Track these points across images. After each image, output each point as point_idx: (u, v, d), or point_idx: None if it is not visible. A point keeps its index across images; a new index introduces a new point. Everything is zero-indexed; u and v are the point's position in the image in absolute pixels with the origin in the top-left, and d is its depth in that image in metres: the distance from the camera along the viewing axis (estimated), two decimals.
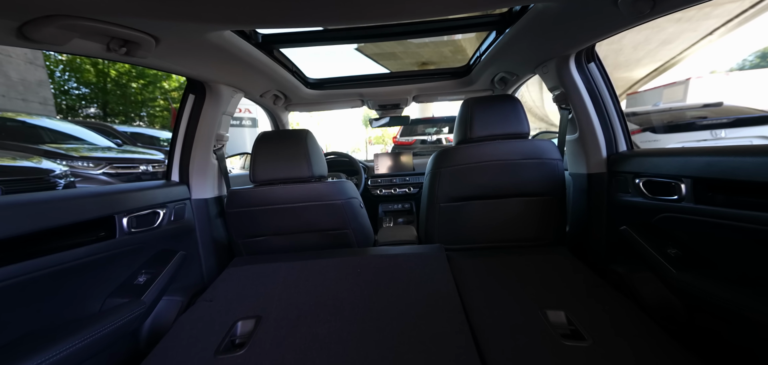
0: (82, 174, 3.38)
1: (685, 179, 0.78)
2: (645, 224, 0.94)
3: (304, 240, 1.22)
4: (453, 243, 1.21)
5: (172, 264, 1.02)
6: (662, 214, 0.86)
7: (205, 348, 0.72)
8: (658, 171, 0.87)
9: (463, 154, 1.14)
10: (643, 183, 0.92)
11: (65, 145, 3.83)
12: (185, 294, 1.08)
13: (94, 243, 0.82)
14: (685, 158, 0.80)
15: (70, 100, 10.12)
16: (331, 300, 0.87)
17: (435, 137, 6.53)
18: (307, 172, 1.13)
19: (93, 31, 0.68)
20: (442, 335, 0.70)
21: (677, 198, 0.81)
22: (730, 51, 23.25)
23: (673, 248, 0.84)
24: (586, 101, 1.12)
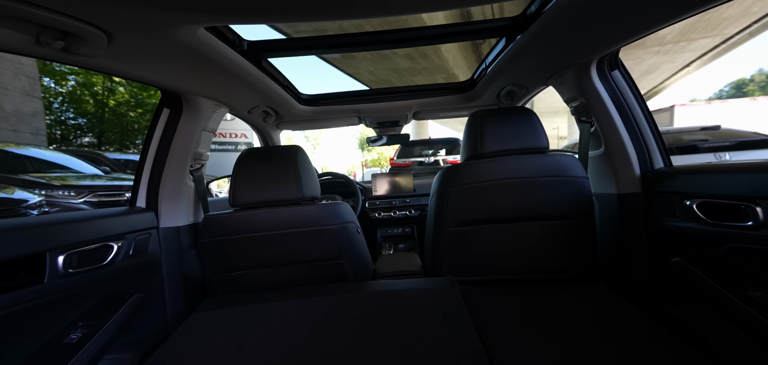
0: (61, 203, 3.16)
1: (761, 201, 0.61)
2: (706, 256, 0.76)
3: (291, 273, 1.02)
4: (464, 274, 1.01)
5: (122, 312, 0.80)
6: (731, 245, 0.68)
7: None
8: (716, 190, 0.71)
9: (474, 170, 0.98)
10: (697, 205, 0.75)
11: (49, 173, 3.64)
12: (137, 351, 0.85)
13: (6, 292, 0.61)
14: (760, 175, 0.63)
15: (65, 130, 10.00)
16: (320, 355, 0.66)
17: (433, 159, 6.46)
18: (297, 194, 0.95)
19: (10, 13, 0.53)
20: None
21: (752, 225, 0.63)
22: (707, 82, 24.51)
23: (756, 290, 0.64)
24: (612, 112, 0.98)
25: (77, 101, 9.94)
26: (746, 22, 8.11)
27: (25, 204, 2.48)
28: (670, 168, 0.93)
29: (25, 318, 0.67)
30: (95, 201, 3.37)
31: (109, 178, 4.01)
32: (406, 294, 0.88)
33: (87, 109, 10.09)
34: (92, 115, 10.20)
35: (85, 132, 10.35)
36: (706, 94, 22.26)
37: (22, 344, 0.67)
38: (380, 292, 0.91)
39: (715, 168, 0.76)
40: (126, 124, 10.66)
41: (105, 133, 10.40)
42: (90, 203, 3.32)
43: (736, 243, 0.67)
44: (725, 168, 0.73)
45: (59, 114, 9.86)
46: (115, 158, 5.60)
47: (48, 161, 4.04)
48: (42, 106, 6.62)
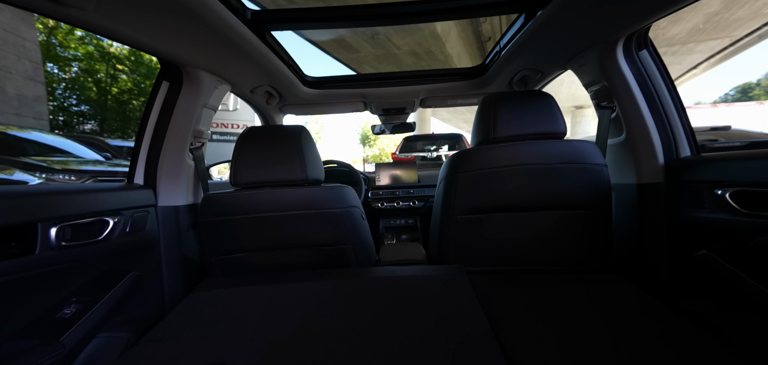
0: None
1: None
2: (737, 249, 0.71)
3: (292, 257, 0.98)
4: (471, 263, 0.97)
5: (118, 289, 0.77)
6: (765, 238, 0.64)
7: None
8: (757, 178, 0.65)
9: (486, 156, 0.92)
10: (730, 194, 0.70)
11: (50, 157, 3.62)
12: (133, 330, 0.82)
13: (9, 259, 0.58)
14: None
15: (68, 115, 9.99)
16: (323, 338, 0.62)
17: (435, 154, 6.40)
18: (300, 175, 0.91)
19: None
20: None
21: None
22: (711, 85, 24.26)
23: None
24: (637, 96, 0.92)
25: (80, 88, 9.91)
26: (757, 24, 7.97)
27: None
28: (699, 156, 0.88)
29: (17, 290, 0.64)
30: None
31: (110, 163, 3.99)
32: (412, 280, 0.85)
33: (90, 96, 10.07)
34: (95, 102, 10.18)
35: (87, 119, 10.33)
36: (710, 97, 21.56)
37: (14, 316, 0.64)
38: (385, 278, 0.87)
39: (757, 154, 0.70)
40: (128, 112, 10.64)
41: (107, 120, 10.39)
42: None
43: None
44: (759, 155, 0.67)
45: (62, 100, 9.84)
46: (116, 145, 5.58)
47: (50, 145, 4.02)
48: (45, 91, 6.59)
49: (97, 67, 9.95)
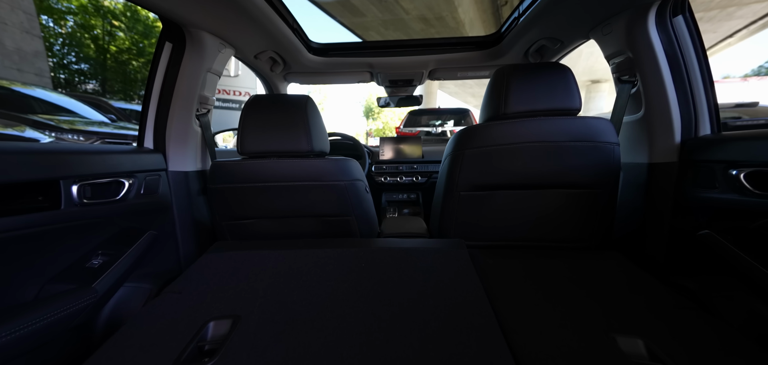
0: None
1: None
2: (740, 229, 0.72)
3: (298, 226, 1.03)
4: (471, 238, 1.00)
5: (138, 246, 0.83)
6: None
7: (163, 352, 0.54)
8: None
9: (494, 133, 0.90)
10: (745, 175, 0.69)
11: (57, 116, 3.64)
12: (155, 282, 0.89)
13: (26, 213, 0.62)
14: None
15: (69, 73, 9.84)
16: (329, 301, 0.68)
17: (440, 129, 6.31)
18: (306, 146, 0.93)
19: None
20: (472, 359, 0.51)
21: None
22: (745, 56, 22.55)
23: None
24: (663, 70, 0.88)
25: (78, 44, 9.64)
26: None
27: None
28: (718, 134, 0.86)
29: (48, 240, 0.70)
30: None
31: (115, 125, 4.00)
32: (413, 251, 0.89)
33: (88, 54, 9.83)
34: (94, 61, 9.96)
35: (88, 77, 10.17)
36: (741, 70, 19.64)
37: (46, 264, 0.70)
38: (387, 248, 0.92)
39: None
40: (128, 72, 10.43)
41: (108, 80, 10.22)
42: None
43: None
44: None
45: (61, 56, 9.63)
46: (120, 107, 5.54)
47: (55, 104, 4.02)
48: (43, 45, 6.43)
49: (92, 22, 9.59)
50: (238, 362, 0.52)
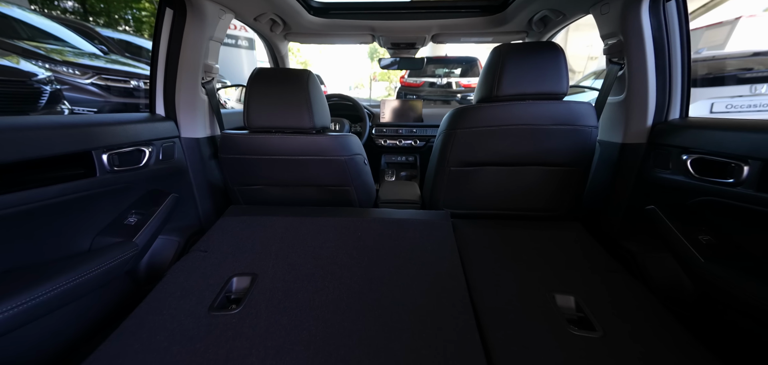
0: (69, 81, 3.13)
1: (753, 161, 0.67)
2: (678, 206, 0.85)
3: (302, 193, 1.16)
4: (458, 207, 1.14)
5: (164, 206, 0.96)
6: (705, 197, 0.77)
7: (199, 302, 0.71)
8: (718, 148, 0.74)
9: (485, 115, 0.99)
10: (691, 161, 0.80)
11: (45, 45, 3.47)
12: (182, 235, 1.05)
13: (71, 181, 0.74)
14: (759, 134, 0.67)
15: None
16: (330, 264, 0.84)
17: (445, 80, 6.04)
18: (309, 123, 1.00)
19: None
20: (444, 315, 0.68)
21: (733, 182, 0.70)
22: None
23: (706, 235, 0.76)
24: (648, 56, 0.92)
25: None
26: None
27: (35, 78, 2.47)
28: (682, 121, 0.94)
29: (91, 202, 0.82)
30: (101, 84, 3.33)
31: (107, 59, 3.84)
32: (403, 222, 1.03)
33: None
34: None
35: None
36: None
37: (90, 224, 0.84)
38: (381, 219, 1.06)
39: (721, 124, 0.78)
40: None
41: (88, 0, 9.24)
42: (97, 85, 3.29)
43: (710, 197, 0.76)
44: (730, 125, 0.76)
45: None
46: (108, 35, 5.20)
47: (40, 28, 3.78)
48: None
49: None
50: (258, 310, 0.69)
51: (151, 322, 0.66)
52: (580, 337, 0.62)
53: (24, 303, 0.58)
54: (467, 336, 0.62)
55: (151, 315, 0.68)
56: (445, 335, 0.63)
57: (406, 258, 0.86)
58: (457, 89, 5.98)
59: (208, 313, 0.68)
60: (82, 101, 3.15)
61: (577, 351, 0.59)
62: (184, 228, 1.09)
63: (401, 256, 0.87)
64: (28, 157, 0.64)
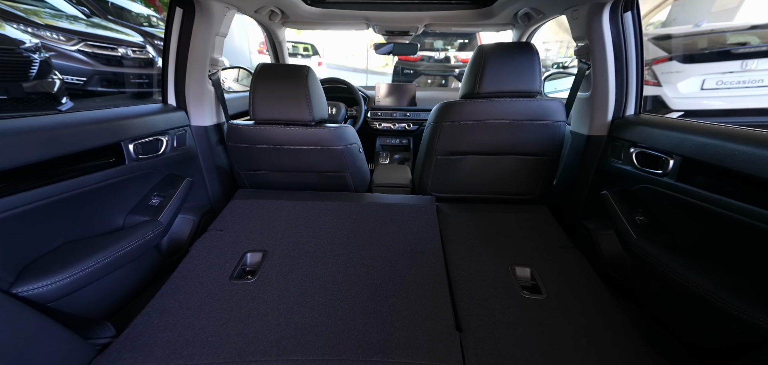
0: (54, 47, 3.04)
1: (676, 156, 0.84)
2: (625, 191, 1.03)
3: (303, 179, 1.30)
4: (444, 191, 1.32)
5: (182, 189, 1.10)
6: (643, 185, 0.96)
7: (220, 273, 0.88)
8: (654, 144, 0.92)
9: (468, 110, 1.13)
10: (636, 153, 0.98)
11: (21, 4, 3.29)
12: (196, 214, 1.20)
13: (105, 169, 0.87)
14: (683, 135, 0.84)
15: None
16: (329, 243, 1.01)
17: (443, 55, 5.96)
18: (308, 116, 1.11)
19: None
20: (424, 285, 0.86)
21: (661, 173, 0.88)
22: None
23: (640, 216, 0.95)
24: (609, 60, 1.07)
25: None
26: None
27: (23, 46, 2.42)
28: (634, 118, 1.09)
29: (123, 186, 0.96)
30: (88, 52, 3.25)
31: (90, 23, 3.68)
32: (394, 206, 1.20)
33: None
34: None
35: None
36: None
37: (124, 202, 0.98)
38: (375, 203, 1.22)
39: (660, 123, 0.95)
40: None
41: None
42: (83, 52, 3.21)
43: (646, 185, 0.95)
44: (665, 124, 0.93)
45: None
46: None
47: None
48: None
49: None
50: (270, 280, 0.87)
51: (184, 287, 0.83)
52: (530, 299, 0.82)
53: (84, 270, 0.74)
54: (441, 301, 0.81)
55: (183, 281, 0.85)
56: (424, 300, 0.81)
57: (394, 238, 1.04)
58: (455, 64, 5.93)
59: (230, 282, 0.86)
60: (70, 69, 3.09)
61: (525, 310, 0.79)
62: (197, 208, 1.23)
63: (391, 236, 1.04)
64: (75, 151, 0.77)
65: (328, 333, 0.71)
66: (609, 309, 0.79)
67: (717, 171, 0.75)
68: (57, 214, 0.78)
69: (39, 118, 0.73)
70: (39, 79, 2.46)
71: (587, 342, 0.71)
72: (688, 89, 3.41)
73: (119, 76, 3.51)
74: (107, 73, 3.39)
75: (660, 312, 0.89)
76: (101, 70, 3.33)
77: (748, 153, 0.68)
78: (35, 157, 0.69)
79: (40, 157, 0.70)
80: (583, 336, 0.72)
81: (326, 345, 0.69)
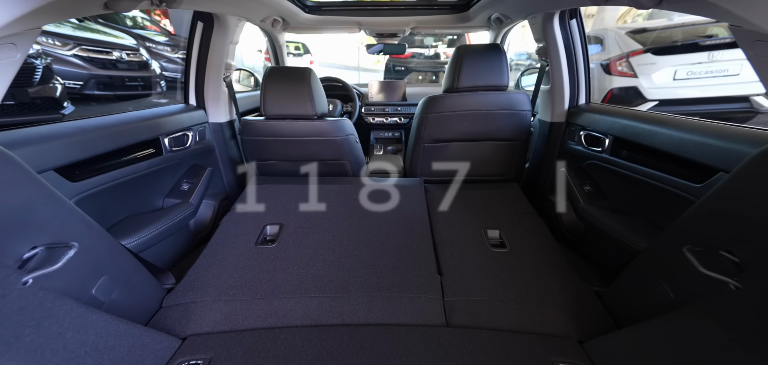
0: (51, 52, 3.15)
1: (609, 136, 1.11)
2: (577, 167, 1.30)
3: (308, 166, 1.52)
4: (431, 175, 1.56)
5: (205, 177, 1.31)
6: (589, 161, 1.23)
7: (247, 241, 1.10)
8: (596, 127, 1.19)
9: (449, 102, 1.37)
10: (584, 136, 1.24)
11: None
12: (216, 199, 1.42)
13: (149, 158, 1.08)
14: (613, 119, 1.11)
15: None
16: (334, 217, 1.24)
17: (432, 51, 6.21)
18: (311, 111, 1.33)
19: None
20: (413, 245, 1.10)
21: (600, 150, 1.15)
22: None
23: (588, 186, 1.22)
24: (561, 57, 1.33)
25: None
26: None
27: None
28: (585, 106, 1.36)
29: (160, 173, 1.17)
30: (83, 56, 3.37)
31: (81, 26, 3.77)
32: (387, 188, 1.43)
33: None
34: None
35: None
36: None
37: (161, 186, 1.19)
38: (371, 185, 1.45)
39: (599, 109, 1.22)
40: None
41: None
42: (79, 56, 3.33)
43: (592, 161, 1.21)
44: (603, 110, 1.20)
45: None
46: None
47: None
48: None
49: None
50: (288, 246, 1.09)
51: (220, 251, 1.05)
52: (497, 252, 1.07)
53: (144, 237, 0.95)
54: (427, 256, 1.05)
55: (218, 247, 1.06)
56: (413, 256, 1.05)
57: (389, 212, 1.27)
58: (445, 60, 6.19)
59: (256, 247, 1.08)
60: (68, 74, 3.21)
61: (492, 259, 1.03)
62: (216, 194, 1.44)
63: (386, 210, 1.28)
64: (131, 143, 0.98)
65: (339, 280, 0.94)
66: (556, 256, 1.05)
67: (633, 146, 1.02)
68: (119, 194, 0.99)
69: (104, 118, 0.94)
70: (42, 84, 2.60)
71: (535, 277, 0.96)
72: (661, 80, 3.75)
73: (115, 79, 3.64)
74: (103, 76, 3.52)
75: (596, 257, 1.16)
76: (97, 74, 3.46)
77: (650, 130, 0.94)
78: (106, 148, 0.90)
79: (109, 148, 0.91)
80: (532, 272, 0.97)
81: (337, 287, 0.92)
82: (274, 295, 0.88)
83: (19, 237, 0.58)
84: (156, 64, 4.21)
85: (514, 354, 0.73)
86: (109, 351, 0.62)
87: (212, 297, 0.87)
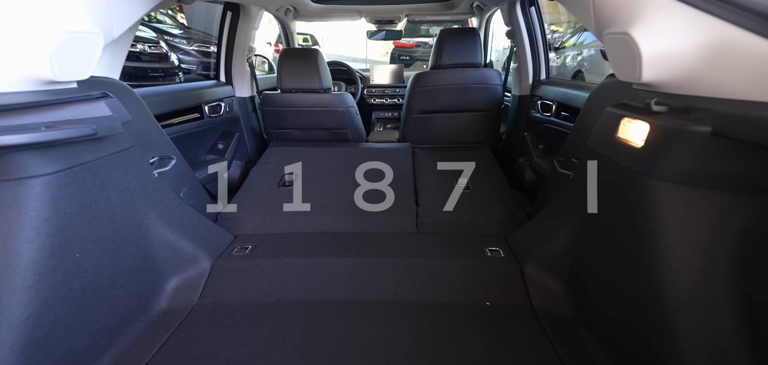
0: None
1: (555, 102, 1.45)
2: (535, 132, 1.63)
3: (315, 133, 1.88)
4: (421, 142, 1.89)
5: (235, 140, 1.69)
6: (544, 125, 1.56)
7: (271, 184, 1.46)
8: (547, 96, 1.52)
9: (434, 77, 1.70)
10: (540, 104, 1.57)
11: None
12: (242, 160, 1.79)
13: (195, 121, 1.45)
14: (557, 88, 1.45)
15: None
16: (337, 169, 1.58)
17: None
18: (319, 85, 1.68)
19: None
20: (400, 189, 1.43)
21: (550, 115, 1.47)
22: None
23: (541, 145, 1.55)
24: (525, 39, 1.65)
25: None
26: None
27: None
28: (544, 80, 1.69)
29: (202, 133, 1.54)
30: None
31: None
32: (381, 150, 1.77)
33: None
34: None
35: None
36: None
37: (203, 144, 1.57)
38: (368, 149, 1.79)
39: (552, 82, 1.55)
40: None
41: None
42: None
43: (545, 125, 1.53)
44: (554, 82, 1.53)
45: None
46: None
47: None
48: None
49: None
50: (302, 186, 1.44)
51: (254, 190, 1.41)
52: (464, 193, 1.40)
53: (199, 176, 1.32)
54: (408, 196, 1.39)
55: (252, 187, 1.43)
56: (400, 197, 1.38)
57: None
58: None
59: (278, 188, 1.43)
60: None
61: (457, 197, 1.36)
62: (242, 156, 1.82)
63: (379, 166, 1.61)
64: (184, 107, 1.35)
65: (341, 209, 1.31)
66: (505, 192, 1.40)
67: (568, 108, 1.34)
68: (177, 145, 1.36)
69: (169, 86, 1.32)
70: None
71: (486, 205, 1.30)
72: None
73: (139, 70, 4.09)
74: (129, 67, 3.98)
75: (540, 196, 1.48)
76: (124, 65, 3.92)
77: (575, 94, 1.25)
78: (172, 108, 1.28)
79: (173, 108, 1.29)
80: (485, 203, 1.32)
81: (340, 212, 1.28)
82: (293, 215, 1.24)
83: (146, 149, 0.97)
84: (174, 56, 4.66)
85: (461, 246, 1.09)
86: (193, 228, 1.00)
87: (251, 214, 1.24)
